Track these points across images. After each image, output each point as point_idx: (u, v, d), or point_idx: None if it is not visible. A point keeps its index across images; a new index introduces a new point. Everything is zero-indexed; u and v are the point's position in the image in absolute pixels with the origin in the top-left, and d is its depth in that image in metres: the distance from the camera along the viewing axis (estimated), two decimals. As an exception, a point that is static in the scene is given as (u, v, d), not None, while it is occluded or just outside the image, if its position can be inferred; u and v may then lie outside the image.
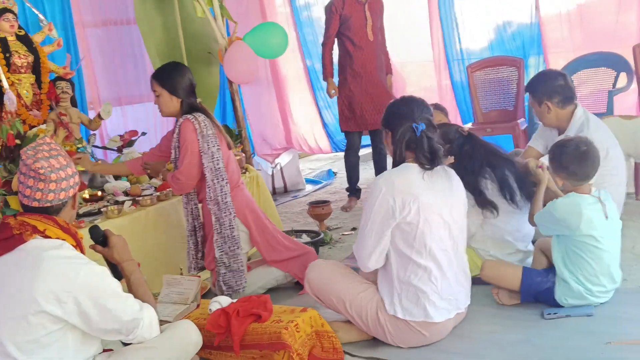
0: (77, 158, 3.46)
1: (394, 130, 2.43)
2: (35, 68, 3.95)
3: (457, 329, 2.58)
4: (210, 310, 2.49)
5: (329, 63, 5.00)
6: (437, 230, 2.38)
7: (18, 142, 3.38)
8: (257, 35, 4.23)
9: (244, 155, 4.38)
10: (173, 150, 3.23)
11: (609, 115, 4.37)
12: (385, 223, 2.37)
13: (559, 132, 3.29)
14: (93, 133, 4.35)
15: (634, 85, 4.95)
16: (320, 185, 6.18)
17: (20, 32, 3.94)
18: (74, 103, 4.27)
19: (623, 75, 4.97)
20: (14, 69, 3.81)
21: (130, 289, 2.12)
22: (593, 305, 2.61)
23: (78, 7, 4.90)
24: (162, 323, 2.19)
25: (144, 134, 4.52)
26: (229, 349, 2.42)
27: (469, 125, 5.25)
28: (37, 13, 4.30)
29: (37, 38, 4.09)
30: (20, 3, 4.23)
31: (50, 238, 1.89)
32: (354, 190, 5.15)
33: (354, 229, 4.37)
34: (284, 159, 6.21)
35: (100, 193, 3.67)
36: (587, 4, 5.40)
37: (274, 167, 6.10)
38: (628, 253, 3.20)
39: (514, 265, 2.83)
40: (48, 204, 1.90)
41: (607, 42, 5.20)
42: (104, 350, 2.07)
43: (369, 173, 5.71)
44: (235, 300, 2.54)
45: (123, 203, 3.40)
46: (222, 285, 3.17)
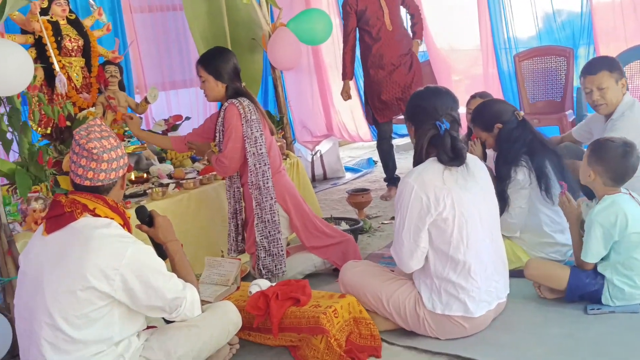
0: (128, 117, 3.55)
1: (417, 126, 2.41)
2: (85, 52, 4.05)
3: (497, 321, 2.55)
4: (250, 293, 2.53)
5: (349, 63, 4.98)
6: (472, 223, 2.34)
7: (68, 123, 3.49)
8: (301, 22, 4.23)
9: (285, 142, 4.40)
10: (217, 134, 3.28)
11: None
12: (421, 221, 2.32)
13: (606, 118, 3.26)
14: (139, 116, 4.44)
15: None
16: (360, 174, 6.16)
17: (71, 16, 4.04)
18: (122, 87, 4.36)
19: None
20: (65, 52, 3.91)
21: (174, 269, 2.18)
22: (639, 303, 2.55)
23: (126, -8, 5.00)
24: (203, 303, 2.24)
25: (188, 119, 4.59)
26: (268, 331, 2.46)
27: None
28: (87, -2, 4.40)
29: (87, 22, 4.19)
30: (72, -12, 4.33)
31: (100, 217, 1.95)
32: (392, 179, 5.14)
33: (394, 218, 4.35)
34: (324, 146, 6.21)
35: (146, 175, 3.77)
36: (641, -7, 5.20)
37: (314, 154, 6.12)
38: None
39: (561, 265, 2.76)
40: (99, 183, 1.96)
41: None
42: (148, 327, 2.13)
43: (407, 162, 5.67)
44: (275, 284, 2.57)
45: (167, 185, 3.48)
46: (261, 269, 3.21)
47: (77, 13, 4.19)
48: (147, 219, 2.25)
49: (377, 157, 6.64)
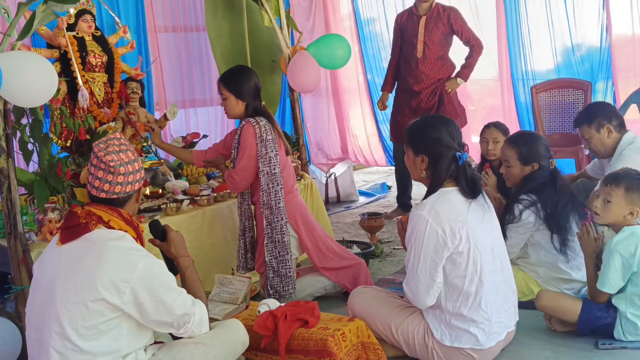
0: (149, 127, 3.59)
1: (433, 157, 2.34)
2: (109, 68, 4.13)
3: (508, 351, 2.52)
4: (259, 312, 2.52)
5: (389, 77, 5.05)
6: (485, 254, 2.32)
7: (88, 137, 3.55)
8: (321, 46, 4.29)
9: (300, 163, 4.43)
10: (233, 150, 3.32)
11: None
12: (438, 255, 2.26)
13: (610, 160, 3.40)
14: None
15: None
16: (374, 198, 6.17)
17: (97, 32, 4.13)
18: (142, 103, 4.43)
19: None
20: (89, 68, 4.00)
21: (184, 284, 2.19)
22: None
23: (152, 12, 5.11)
24: (211, 321, 2.24)
25: (205, 137, 4.64)
26: (275, 352, 2.45)
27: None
28: (113, 16, 4.50)
29: (112, 39, 4.28)
30: (98, 5, 4.44)
31: (114, 229, 1.97)
32: (402, 203, 5.17)
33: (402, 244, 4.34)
34: (339, 169, 6.24)
35: (161, 190, 3.81)
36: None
37: (329, 176, 6.14)
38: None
39: (573, 297, 2.73)
40: (114, 196, 1.99)
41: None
42: (155, 342, 2.13)
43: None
44: (284, 304, 2.57)
45: (182, 202, 3.51)
46: (269, 289, 3.21)
47: (102, 30, 4.29)
48: (160, 234, 2.27)
49: (391, 182, 6.69)
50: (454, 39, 4.89)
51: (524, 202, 2.93)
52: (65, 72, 3.87)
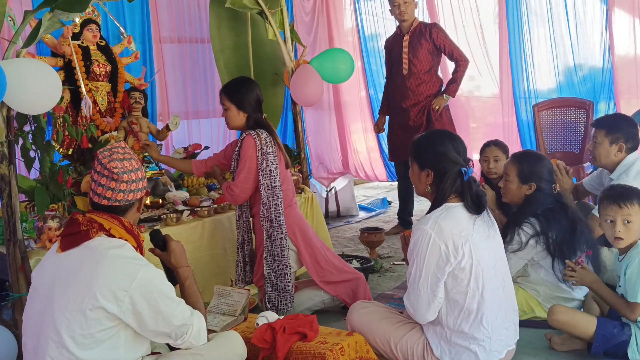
0: (145, 144, 3.59)
1: (438, 172, 2.33)
2: (113, 77, 4.14)
3: (507, 371, 2.49)
4: (257, 325, 2.51)
5: (384, 98, 5.19)
6: (487, 271, 2.30)
7: (90, 145, 3.55)
8: (324, 60, 4.30)
9: (301, 176, 4.43)
10: (233, 162, 3.32)
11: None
12: (440, 271, 2.24)
13: (610, 172, 3.41)
14: (160, 143, 4.50)
15: None
16: (374, 213, 6.16)
17: (102, 42, 4.15)
18: (145, 113, 4.44)
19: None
20: (93, 77, 4.01)
21: (183, 295, 2.18)
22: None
23: (157, 23, 5.14)
24: (209, 332, 2.22)
25: (207, 148, 4.65)
26: (272, 365, 2.42)
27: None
28: (118, 26, 4.52)
29: (116, 49, 4.30)
30: (104, 15, 4.47)
31: (114, 237, 1.96)
32: (402, 219, 5.19)
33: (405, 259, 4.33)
34: (340, 184, 6.24)
35: (161, 201, 3.80)
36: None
37: (329, 190, 6.14)
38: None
39: (587, 314, 2.70)
40: (116, 203, 1.99)
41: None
42: (152, 353, 2.11)
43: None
44: (282, 317, 2.55)
45: (182, 212, 3.50)
46: (267, 303, 3.19)
47: (107, 40, 4.31)
48: (160, 243, 2.26)
49: (391, 197, 6.69)
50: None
51: (527, 228, 2.91)
52: (69, 80, 3.88)
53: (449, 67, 5.21)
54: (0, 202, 2.72)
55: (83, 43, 4.01)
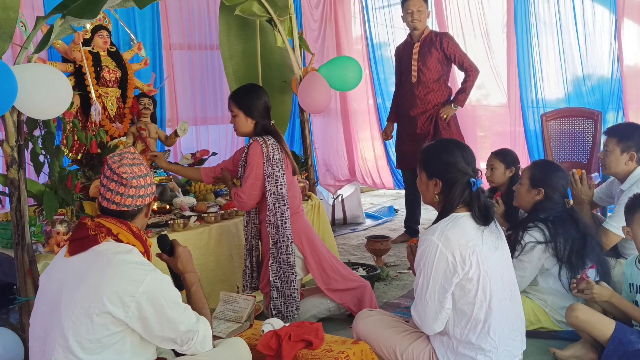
0: (153, 155, 3.60)
1: (447, 182, 2.31)
2: (122, 83, 4.17)
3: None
4: (263, 332, 2.51)
5: (393, 107, 5.20)
6: (495, 282, 2.28)
7: (99, 150, 3.57)
8: (332, 68, 4.32)
9: (308, 183, 4.44)
10: (240, 168, 3.33)
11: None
12: (448, 282, 2.22)
13: (620, 182, 3.39)
14: (168, 149, 4.53)
15: None
16: (380, 221, 6.16)
17: (112, 48, 4.19)
18: (154, 119, 4.47)
19: None
20: (103, 83, 4.05)
21: (189, 301, 2.18)
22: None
23: (167, 30, 5.18)
24: (214, 338, 2.22)
25: (215, 154, 4.66)
26: (278, 372, 2.42)
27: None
28: (129, 32, 4.56)
29: (126, 55, 4.33)
30: (115, 22, 4.51)
31: (122, 242, 1.97)
32: (409, 228, 5.19)
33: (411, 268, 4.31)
34: (346, 191, 6.24)
35: (169, 206, 3.81)
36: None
37: (336, 197, 6.14)
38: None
39: (607, 317, 2.69)
40: (125, 208, 2.00)
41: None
42: (158, 358, 2.11)
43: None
44: (288, 324, 2.55)
45: (189, 218, 3.51)
46: (272, 310, 3.19)
47: (118, 46, 4.34)
48: (168, 248, 2.27)
49: (398, 205, 6.68)
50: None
51: (536, 232, 2.91)
52: (79, 86, 3.91)
53: (458, 76, 5.21)
54: (10, 205, 2.74)
55: (94, 49, 4.05)
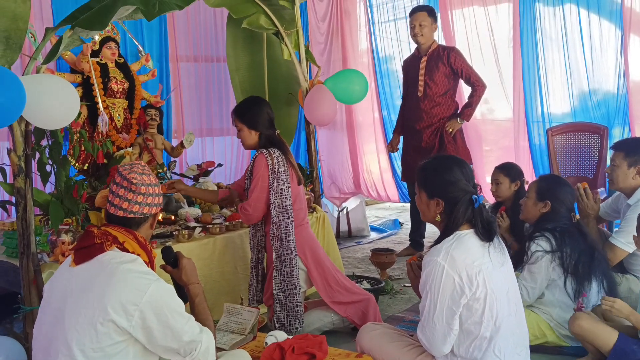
0: (170, 185, 3.53)
1: (449, 201, 2.27)
2: (130, 94, 4.21)
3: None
4: (266, 344, 2.50)
5: (399, 119, 5.21)
6: (501, 298, 2.25)
7: (106, 161, 3.59)
8: (338, 80, 4.34)
9: (313, 195, 4.44)
10: (247, 180, 3.34)
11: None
12: (455, 303, 2.18)
13: (627, 197, 3.37)
14: (174, 160, 4.55)
15: None
16: (385, 234, 6.14)
17: (120, 60, 4.22)
18: (160, 130, 4.50)
19: None
20: (110, 93, 4.08)
21: (193, 312, 2.17)
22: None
23: (175, 42, 5.23)
24: (218, 350, 2.22)
25: (220, 166, 4.68)
26: (280, 385, 2.41)
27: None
28: (137, 44, 4.60)
29: (134, 67, 4.37)
30: (123, 33, 4.55)
31: (128, 251, 1.98)
32: (413, 241, 5.18)
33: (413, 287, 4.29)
34: (351, 204, 6.24)
35: (174, 217, 3.82)
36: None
37: (341, 210, 6.14)
38: None
39: (610, 327, 2.67)
40: (131, 215, 2.01)
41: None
42: (162, 370, 2.11)
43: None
44: (292, 337, 2.54)
45: (194, 229, 3.52)
46: (275, 323, 3.18)
47: (125, 57, 4.38)
48: (172, 260, 2.27)
49: (403, 218, 6.67)
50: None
51: (542, 241, 2.90)
52: (87, 96, 3.95)
53: (464, 90, 5.22)
54: (16, 215, 2.75)
55: (102, 60, 4.08)
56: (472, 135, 5.57)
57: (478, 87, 4.85)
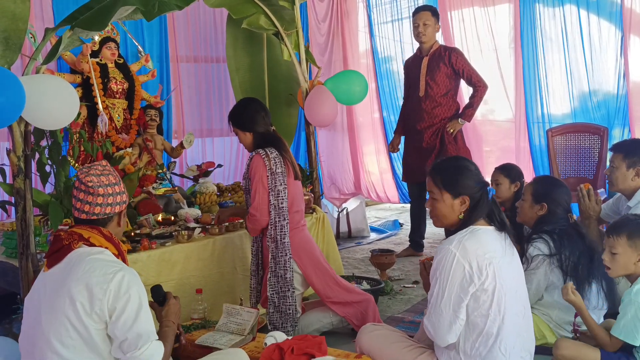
0: (219, 218, 3.52)
1: (475, 197, 2.31)
2: (129, 95, 4.21)
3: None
4: (265, 344, 2.49)
5: (400, 120, 5.19)
6: (510, 295, 2.26)
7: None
8: (338, 81, 4.33)
9: (313, 196, 4.44)
10: (244, 180, 3.33)
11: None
12: (464, 291, 2.20)
13: (627, 199, 3.36)
14: (173, 160, 4.55)
15: None
16: (385, 235, 6.14)
17: (120, 60, 4.22)
18: (160, 131, 4.50)
19: None
20: (110, 94, 4.08)
21: (159, 334, 2.11)
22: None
23: (175, 42, 5.22)
24: (213, 351, 2.21)
25: (220, 166, 4.69)
26: (280, 386, 2.40)
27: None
28: (137, 44, 4.60)
29: (134, 67, 4.37)
30: (123, 34, 4.55)
31: (94, 245, 2.01)
32: (413, 242, 5.17)
33: (416, 282, 4.30)
34: (351, 205, 6.24)
35: (173, 218, 3.82)
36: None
37: (340, 211, 6.14)
38: None
39: (592, 347, 2.65)
40: (94, 217, 2.04)
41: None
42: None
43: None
44: (291, 337, 2.54)
45: (193, 229, 3.52)
46: (268, 325, 3.18)
47: (125, 58, 4.38)
48: (161, 299, 2.29)
49: (403, 219, 6.66)
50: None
51: (540, 243, 2.90)
52: (87, 97, 3.95)
53: (466, 91, 5.22)
54: (15, 215, 2.75)
55: (101, 60, 4.08)
56: (472, 136, 5.57)
57: (479, 87, 4.84)
